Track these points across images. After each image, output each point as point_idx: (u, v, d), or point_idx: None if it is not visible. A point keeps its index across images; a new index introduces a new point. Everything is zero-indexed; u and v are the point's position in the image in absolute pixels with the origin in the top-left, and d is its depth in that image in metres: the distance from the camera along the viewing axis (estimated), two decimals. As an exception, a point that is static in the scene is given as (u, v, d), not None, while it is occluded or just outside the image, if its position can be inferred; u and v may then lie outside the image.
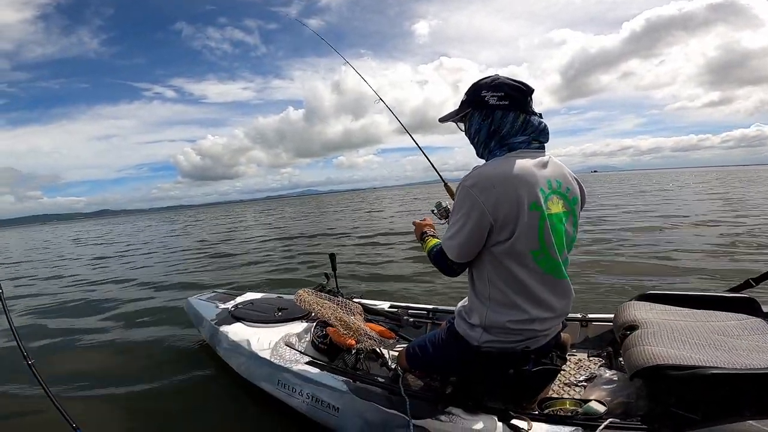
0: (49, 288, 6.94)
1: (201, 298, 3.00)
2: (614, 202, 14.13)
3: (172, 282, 6.33)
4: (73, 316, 4.74)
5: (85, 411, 2.35)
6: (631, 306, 1.60)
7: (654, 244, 6.12)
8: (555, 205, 1.17)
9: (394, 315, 2.39)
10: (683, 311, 1.51)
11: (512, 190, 1.09)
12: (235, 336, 2.19)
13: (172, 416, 2.19)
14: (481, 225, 1.12)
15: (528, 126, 1.18)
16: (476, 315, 1.26)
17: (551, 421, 1.22)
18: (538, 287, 1.17)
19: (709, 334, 1.29)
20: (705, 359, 1.10)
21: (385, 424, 1.45)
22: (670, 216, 9.30)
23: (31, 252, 15.64)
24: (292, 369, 1.79)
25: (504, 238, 1.12)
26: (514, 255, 1.14)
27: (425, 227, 1.58)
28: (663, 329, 1.33)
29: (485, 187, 1.10)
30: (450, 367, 1.46)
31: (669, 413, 1.10)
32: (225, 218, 29.52)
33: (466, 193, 1.13)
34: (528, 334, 1.21)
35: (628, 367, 1.24)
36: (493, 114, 1.19)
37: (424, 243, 1.51)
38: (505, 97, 1.17)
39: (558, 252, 1.16)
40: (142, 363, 3.01)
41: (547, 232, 1.13)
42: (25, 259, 12.88)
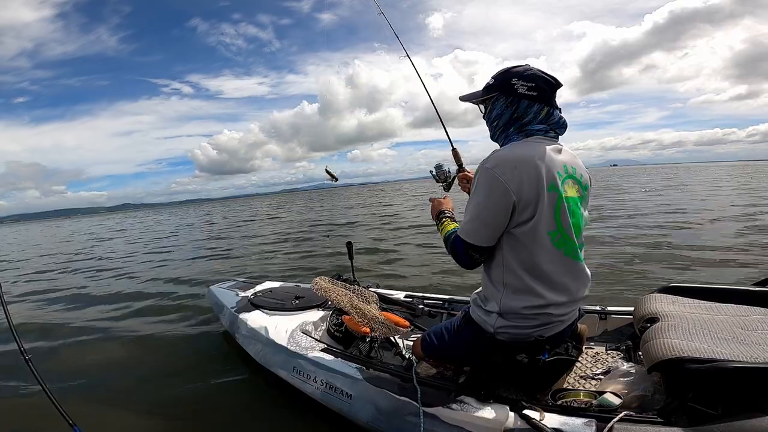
0: (87, 277, 7.19)
1: (222, 286, 3.07)
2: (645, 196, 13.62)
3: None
4: (98, 304, 4.93)
5: (99, 397, 2.44)
6: (652, 298, 1.56)
7: (682, 237, 5.91)
8: (570, 189, 1.19)
9: (409, 304, 2.40)
10: (706, 304, 1.46)
11: (533, 170, 1.10)
12: (254, 323, 2.24)
13: (188, 402, 2.24)
14: (506, 205, 1.11)
15: (549, 118, 1.21)
16: (492, 301, 1.25)
17: (564, 412, 1.20)
18: (555, 269, 1.17)
19: (733, 328, 1.25)
20: (727, 353, 1.06)
21: (397, 412, 1.46)
22: (699, 210, 8.91)
23: (60, 244, 16.19)
24: (307, 356, 1.83)
25: (525, 218, 1.12)
26: (534, 236, 1.14)
27: (444, 207, 1.50)
28: (684, 322, 1.29)
29: (507, 168, 1.10)
30: (465, 355, 1.46)
31: (686, 407, 1.07)
32: (254, 210, 29.95)
33: (489, 174, 1.12)
34: (543, 319, 1.21)
35: (646, 359, 1.21)
36: (519, 102, 1.20)
37: (440, 225, 1.43)
38: (535, 88, 1.17)
39: (575, 235, 1.19)
40: (162, 350, 3.11)
41: (564, 213, 1.15)
42: (52, 252, 13.32)
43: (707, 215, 8.04)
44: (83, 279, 6.83)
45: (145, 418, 2.10)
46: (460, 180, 1.70)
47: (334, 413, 1.71)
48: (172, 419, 2.07)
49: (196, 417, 2.08)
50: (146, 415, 2.13)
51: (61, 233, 24.71)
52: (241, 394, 2.24)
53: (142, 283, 5.98)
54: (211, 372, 2.56)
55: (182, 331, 3.47)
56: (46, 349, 3.27)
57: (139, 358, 2.97)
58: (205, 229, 15.09)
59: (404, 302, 2.42)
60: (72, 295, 5.58)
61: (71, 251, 11.40)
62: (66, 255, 10.53)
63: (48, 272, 8.12)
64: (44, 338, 3.56)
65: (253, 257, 7.48)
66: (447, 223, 1.41)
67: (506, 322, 1.23)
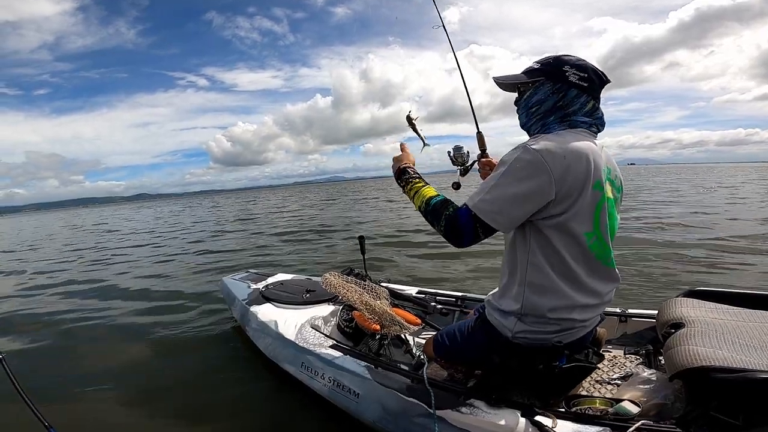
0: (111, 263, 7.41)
1: (235, 277, 3.08)
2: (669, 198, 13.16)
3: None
4: (117, 296, 5.05)
5: (109, 378, 2.52)
6: (677, 302, 1.48)
7: (707, 239, 5.68)
8: (610, 190, 1.12)
9: (421, 301, 2.36)
10: (735, 310, 1.38)
11: (582, 164, 1.01)
12: (264, 317, 2.24)
13: (195, 393, 2.26)
14: (542, 194, 0.99)
15: (595, 112, 1.14)
16: (511, 301, 1.18)
17: (578, 419, 1.15)
18: (586, 271, 1.10)
19: (763, 335, 1.17)
20: (755, 362, 1.00)
21: (404, 413, 1.43)
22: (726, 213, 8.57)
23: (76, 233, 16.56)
24: (315, 352, 1.81)
25: (558, 212, 1.03)
26: (567, 233, 1.05)
27: (404, 162, 1.33)
28: (711, 328, 1.22)
29: (557, 155, 0.99)
30: (478, 358, 1.41)
31: (707, 417, 1.01)
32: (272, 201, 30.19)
33: (534, 155, 0.99)
34: (566, 324, 1.13)
35: (669, 366, 1.14)
36: (568, 91, 1.12)
37: (409, 187, 1.25)
38: (586, 79, 1.11)
39: (610, 238, 1.12)
40: (173, 340, 3.13)
41: (604, 214, 1.07)
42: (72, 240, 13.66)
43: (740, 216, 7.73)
44: (91, 271, 6.92)
45: (149, 409, 2.12)
46: (483, 166, 1.59)
47: (341, 411, 1.69)
48: (177, 411, 2.08)
49: (201, 409, 2.08)
50: (149, 406, 2.16)
51: (79, 223, 25.27)
52: (249, 387, 2.23)
53: (151, 276, 6.08)
54: (219, 364, 2.57)
55: (193, 322, 3.49)
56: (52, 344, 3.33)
57: (145, 351, 2.97)
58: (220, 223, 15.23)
59: (416, 299, 2.38)
60: (72, 287, 5.69)
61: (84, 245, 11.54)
62: (77, 249, 10.61)
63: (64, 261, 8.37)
64: (48, 332, 3.64)
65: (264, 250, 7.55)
66: (420, 187, 1.22)
67: (525, 326, 1.16)
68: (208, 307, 3.85)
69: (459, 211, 1.05)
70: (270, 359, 2.16)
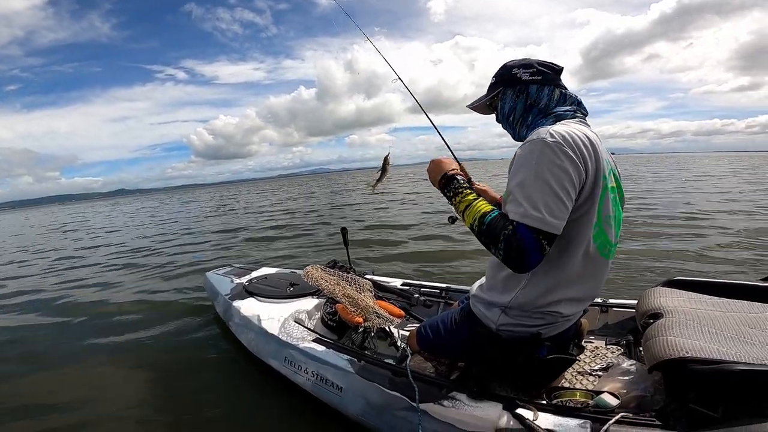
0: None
1: (218, 272, 3.03)
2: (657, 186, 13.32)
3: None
4: (105, 287, 4.94)
5: (89, 379, 2.45)
6: (656, 292, 1.49)
7: (687, 229, 5.78)
8: (610, 179, 1.08)
9: (405, 293, 2.35)
10: (713, 300, 1.39)
11: (593, 154, 0.97)
12: (247, 311, 2.20)
13: (178, 392, 2.21)
14: (579, 175, 0.93)
15: (567, 98, 1.13)
16: (499, 294, 1.16)
17: (559, 412, 1.15)
18: (584, 264, 1.07)
19: (740, 326, 1.18)
20: (733, 353, 1.00)
21: (387, 406, 1.42)
22: (705, 203, 8.71)
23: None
24: (298, 346, 1.78)
25: (582, 201, 0.98)
26: (577, 226, 1.01)
27: (450, 167, 1.17)
28: (689, 319, 1.23)
29: (575, 142, 0.94)
30: (461, 350, 1.41)
31: (686, 409, 1.02)
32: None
33: (553, 146, 0.92)
34: (550, 318, 1.13)
35: (647, 358, 1.15)
36: (528, 89, 1.14)
37: (457, 199, 1.08)
38: (537, 72, 1.13)
39: (613, 230, 1.09)
40: (154, 336, 3.05)
41: (607, 205, 1.05)
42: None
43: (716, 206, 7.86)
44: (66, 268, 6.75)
45: (130, 406, 2.08)
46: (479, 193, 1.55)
47: (326, 405, 1.68)
48: (158, 408, 2.05)
49: (183, 405, 2.05)
50: (130, 403, 2.11)
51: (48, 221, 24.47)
52: (233, 383, 2.20)
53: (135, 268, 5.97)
54: (202, 361, 2.52)
55: (175, 318, 3.40)
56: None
57: (129, 344, 2.91)
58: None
59: (400, 291, 2.37)
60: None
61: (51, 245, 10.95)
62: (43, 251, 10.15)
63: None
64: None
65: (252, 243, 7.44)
66: (473, 200, 1.04)
67: (509, 319, 1.15)
68: (191, 303, 3.77)
69: (519, 227, 0.90)
70: (254, 354, 2.13)
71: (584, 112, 1.13)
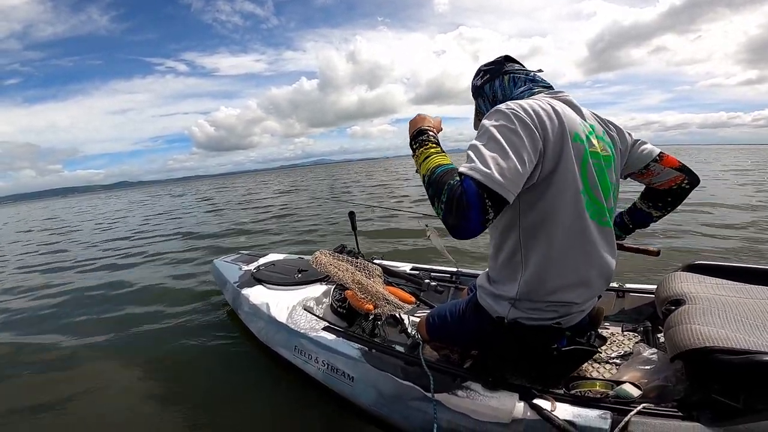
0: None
1: (226, 259, 3.02)
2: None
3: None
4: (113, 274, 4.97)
5: (93, 369, 2.46)
6: (677, 277, 1.44)
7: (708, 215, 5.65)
8: (596, 145, 1.03)
9: (415, 278, 2.31)
10: (737, 286, 1.34)
11: (555, 117, 0.94)
12: (255, 299, 2.19)
13: (186, 382, 2.20)
14: (535, 149, 0.89)
15: (518, 81, 1.16)
16: (504, 285, 1.10)
17: (578, 402, 1.12)
18: (582, 237, 1.00)
19: (765, 313, 1.13)
20: (761, 343, 0.96)
21: (400, 396, 1.40)
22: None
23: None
24: (308, 335, 1.76)
25: (549, 169, 0.93)
26: (558, 194, 0.95)
27: (426, 123, 1.12)
28: (713, 306, 1.18)
29: (528, 108, 0.91)
30: (472, 341, 1.37)
31: (709, 400, 0.98)
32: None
33: (509, 109, 0.91)
34: (563, 310, 1.07)
35: (670, 346, 1.11)
36: (484, 91, 1.23)
37: (420, 151, 1.03)
38: (484, 73, 1.23)
39: (603, 196, 1.03)
40: (163, 325, 3.04)
41: (590, 169, 0.99)
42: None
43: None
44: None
45: (141, 397, 2.08)
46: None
47: (338, 395, 1.66)
48: (170, 398, 2.04)
49: (194, 396, 2.03)
50: (141, 394, 2.11)
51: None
52: (243, 373, 2.19)
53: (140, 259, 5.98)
54: (213, 350, 2.50)
55: (184, 307, 3.40)
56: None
57: (136, 341, 2.86)
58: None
59: (409, 276, 2.33)
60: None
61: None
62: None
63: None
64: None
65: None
66: (434, 152, 0.99)
67: (520, 312, 1.09)
68: (199, 291, 3.78)
69: (465, 180, 0.82)
70: (264, 343, 2.12)
71: (545, 85, 1.13)
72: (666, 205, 1.29)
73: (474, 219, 0.80)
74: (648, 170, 1.21)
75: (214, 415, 1.84)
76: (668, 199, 1.27)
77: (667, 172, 1.21)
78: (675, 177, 1.21)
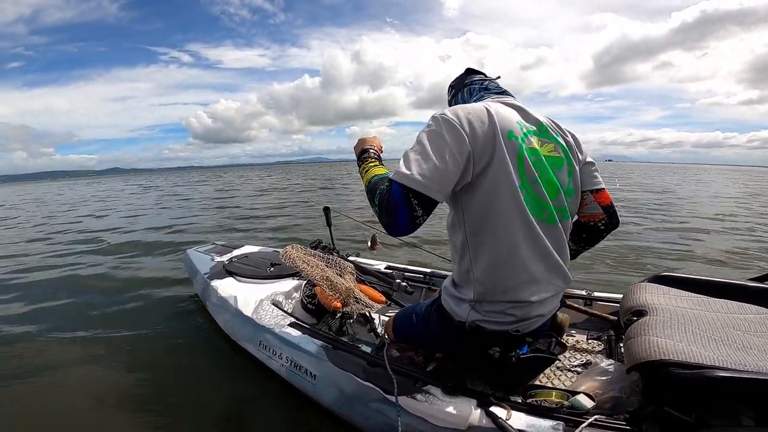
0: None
1: (199, 250, 2.96)
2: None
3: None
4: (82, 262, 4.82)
5: (62, 356, 2.35)
6: (641, 288, 1.44)
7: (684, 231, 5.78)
8: (537, 144, 1.05)
9: (387, 277, 2.29)
10: (699, 299, 1.35)
11: (486, 117, 0.98)
12: (224, 291, 2.14)
13: (148, 373, 2.10)
14: (461, 144, 0.93)
15: (473, 91, 1.25)
16: (463, 288, 1.11)
17: (533, 412, 1.11)
18: (525, 233, 1.00)
19: (724, 327, 1.14)
20: (715, 357, 0.96)
21: (360, 397, 1.38)
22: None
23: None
24: (273, 330, 1.73)
25: (481, 167, 0.97)
26: (496, 191, 0.97)
27: (368, 144, 1.26)
28: (674, 318, 1.18)
29: (459, 112, 0.98)
30: (435, 344, 1.36)
31: (661, 413, 0.98)
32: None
33: (439, 116, 0.98)
34: (521, 313, 1.07)
35: (627, 357, 1.11)
36: (453, 103, 1.28)
37: (362, 167, 1.17)
38: (450, 89, 1.35)
39: (547, 193, 1.02)
40: (130, 316, 2.94)
41: (528, 165, 0.99)
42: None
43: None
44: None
45: (96, 391, 1.97)
46: None
47: (301, 393, 1.63)
48: (127, 393, 1.94)
49: (154, 390, 1.95)
50: (96, 386, 2.01)
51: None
52: (208, 367, 2.13)
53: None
54: (178, 343, 2.42)
55: (152, 298, 3.30)
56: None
57: (96, 330, 2.72)
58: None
59: (382, 275, 2.31)
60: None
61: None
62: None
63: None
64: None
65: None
66: (372, 166, 1.14)
67: (479, 315, 1.09)
68: (169, 281, 3.69)
69: (393, 186, 0.93)
70: (229, 337, 2.07)
71: (498, 92, 1.22)
72: (580, 240, 1.27)
73: (402, 217, 0.92)
74: (582, 197, 1.18)
75: (172, 408, 1.79)
76: (583, 235, 1.26)
77: (593, 207, 1.20)
78: (596, 214, 1.21)
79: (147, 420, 1.73)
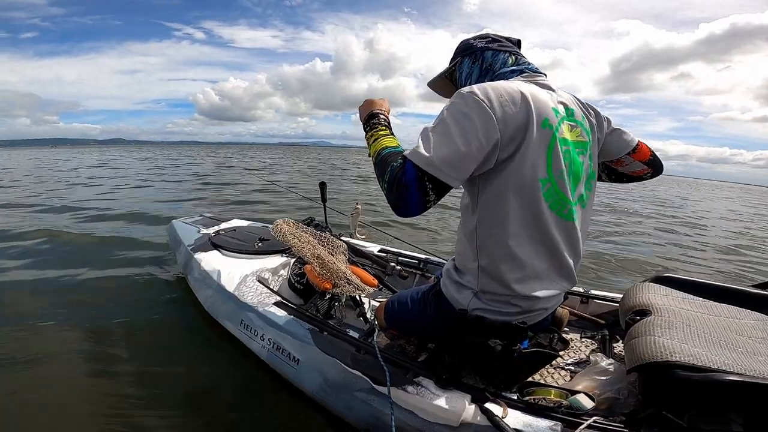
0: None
1: (185, 221, 2.82)
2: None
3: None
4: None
5: (36, 339, 2.10)
6: (645, 287, 1.40)
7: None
8: (568, 131, 0.97)
9: (381, 260, 2.22)
10: (702, 302, 1.31)
11: (521, 102, 0.89)
12: (207, 265, 2.03)
13: (121, 351, 1.97)
14: (488, 129, 0.85)
15: (521, 63, 1.08)
16: (466, 274, 1.05)
17: (530, 410, 1.06)
18: (536, 226, 0.95)
19: (728, 332, 1.11)
20: (721, 361, 0.93)
21: (346, 385, 1.30)
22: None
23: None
24: (256, 309, 1.64)
25: (507, 155, 0.89)
26: (517, 181, 0.91)
27: (377, 107, 1.14)
28: (678, 320, 1.14)
29: (491, 93, 0.87)
30: (430, 332, 1.30)
31: (658, 416, 0.95)
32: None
33: (467, 97, 0.87)
34: (526, 305, 1.01)
35: (629, 358, 1.06)
36: (483, 55, 1.10)
37: (370, 134, 1.06)
38: (492, 40, 1.11)
39: (570, 186, 0.96)
40: (104, 288, 2.78)
41: (557, 156, 0.92)
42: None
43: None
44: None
45: (61, 366, 1.84)
46: None
47: (281, 377, 1.55)
48: (95, 369, 1.81)
49: (125, 365, 1.84)
50: (62, 362, 1.87)
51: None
52: (185, 345, 2.02)
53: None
54: (152, 319, 2.29)
55: (128, 269, 3.14)
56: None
57: (64, 301, 2.54)
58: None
59: (376, 257, 2.24)
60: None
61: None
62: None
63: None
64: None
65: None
66: (383, 135, 1.03)
67: (482, 304, 1.03)
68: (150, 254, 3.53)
69: (407, 164, 0.85)
70: (210, 315, 1.96)
71: (530, 72, 1.06)
72: (617, 180, 1.28)
73: (413, 200, 0.84)
74: (619, 160, 1.19)
75: (145, 387, 1.69)
76: (623, 179, 1.27)
77: (635, 165, 1.20)
78: (641, 170, 1.22)
79: (113, 400, 1.61)
